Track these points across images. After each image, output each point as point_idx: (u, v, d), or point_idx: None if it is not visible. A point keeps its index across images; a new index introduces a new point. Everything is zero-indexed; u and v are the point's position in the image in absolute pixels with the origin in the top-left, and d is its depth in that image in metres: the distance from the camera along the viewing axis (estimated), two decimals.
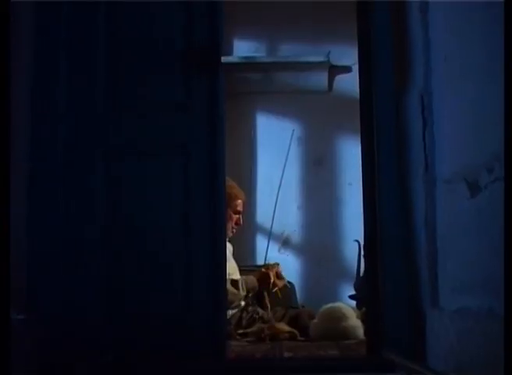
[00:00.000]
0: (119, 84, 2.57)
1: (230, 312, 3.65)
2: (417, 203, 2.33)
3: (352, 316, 3.51)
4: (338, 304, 3.70)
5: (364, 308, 3.56)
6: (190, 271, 2.47)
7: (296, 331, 3.50)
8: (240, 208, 3.97)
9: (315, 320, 3.55)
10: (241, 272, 3.98)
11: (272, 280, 3.81)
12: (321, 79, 5.08)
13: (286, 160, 4.88)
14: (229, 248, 3.98)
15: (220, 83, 2.55)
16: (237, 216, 3.97)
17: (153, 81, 2.55)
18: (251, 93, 5.08)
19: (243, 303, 3.81)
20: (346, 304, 3.92)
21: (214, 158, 2.50)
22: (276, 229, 4.88)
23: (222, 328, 2.44)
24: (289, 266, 4.59)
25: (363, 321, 3.48)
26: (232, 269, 3.88)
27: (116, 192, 2.52)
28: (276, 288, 3.86)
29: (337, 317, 3.45)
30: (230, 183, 3.77)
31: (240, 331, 3.57)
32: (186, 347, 2.43)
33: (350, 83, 4.78)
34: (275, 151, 5.00)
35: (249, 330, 3.54)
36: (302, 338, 3.48)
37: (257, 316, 3.75)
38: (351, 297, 4.38)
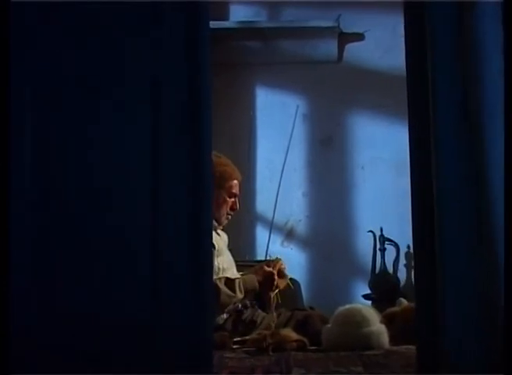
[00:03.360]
0: None
1: (224, 316, 3.31)
2: (494, 158, 1.67)
3: (375, 320, 3.09)
4: (357, 305, 3.32)
5: (387, 311, 3.35)
6: (159, 260, 1.79)
7: (305, 339, 3.06)
8: (235, 190, 3.54)
9: (329, 325, 3.10)
10: (238, 268, 3.61)
11: (275, 280, 3.44)
12: (329, 47, 4.82)
13: (290, 140, 4.65)
14: (224, 237, 3.63)
15: None
16: (232, 199, 3.53)
17: None
18: (250, 64, 4.86)
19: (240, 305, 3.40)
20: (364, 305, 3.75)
21: (194, 95, 1.81)
22: (279, 219, 4.66)
23: (207, 337, 1.76)
24: (294, 262, 4.34)
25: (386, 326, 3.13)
26: (228, 264, 3.49)
27: (52, 145, 1.80)
28: (276, 291, 3.49)
29: (357, 321, 3.02)
30: (223, 160, 3.47)
31: (237, 339, 3.14)
32: (155, 362, 1.76)
33: (362, 52, 4.74)
34: (277, 130, 4.78)
35: (247, 338, 3.12)
36: (313, 347, 3.05)
37: (257, 320, 3.34)
38: (366, 297, 4.37)
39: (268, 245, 4.51)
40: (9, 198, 1.69)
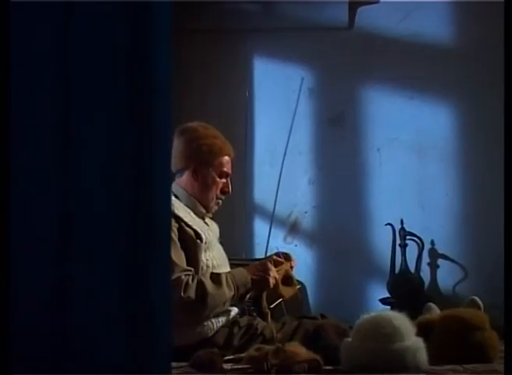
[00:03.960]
0: None
1: (215, 325, 2.86)
2: None
3: (409, 332, 2.56)
4: (385, 312, 2.83)
5: (421, 319, 2.82)
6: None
7: (318, 357, 2.54)
8: (227, 168, 3.12)
9: (349, 339, 2.62)
10: (232, 267, 3.18)
11: (272, 276, 2.97)
12: (339, 11, 4.67)
13: (294, 118, 4.47)
14: (214, 228, 3.21)
15: None
16: (223, 179, 3.12)
17: None
18: (248, 30, 4.73)
19: (235, 311, 2.95)
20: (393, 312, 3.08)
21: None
22: (281, 210, 4.52)
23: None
24: (299, 260, 3.91)
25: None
26: (219, 260, 3.06)
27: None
28: (280, 300, 3.09)
29: (386, 334, 2.52)
30: (212, 132, 3.13)
31: (230, 357, 2.69)
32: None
33: (377, 16, 4.59)
34: (278, 107, 4.64)
35: (243, 355, 2.63)
36: (329, 368, 2.58)
37: (256, 332, 2.89)
38: (384, 301, 4.22)
39: (269, 241, 4.32)
40: (9, 198, 1.53)
